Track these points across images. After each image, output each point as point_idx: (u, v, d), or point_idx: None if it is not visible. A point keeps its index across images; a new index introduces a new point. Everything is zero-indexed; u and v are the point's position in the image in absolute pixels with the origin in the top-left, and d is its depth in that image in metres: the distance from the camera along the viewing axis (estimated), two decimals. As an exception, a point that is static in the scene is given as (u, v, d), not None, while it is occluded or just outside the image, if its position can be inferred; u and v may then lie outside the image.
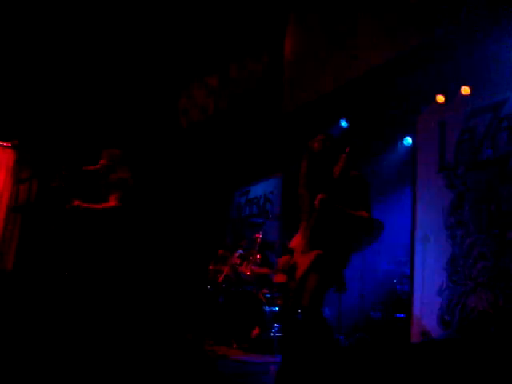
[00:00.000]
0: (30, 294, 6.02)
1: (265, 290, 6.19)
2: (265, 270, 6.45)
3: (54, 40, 8.13)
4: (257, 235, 6.64)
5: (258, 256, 6.45)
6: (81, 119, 8.89)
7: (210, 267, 6.92)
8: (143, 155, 8.51)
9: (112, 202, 5.53)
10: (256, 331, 5.84)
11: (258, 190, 8.96)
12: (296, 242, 3.85)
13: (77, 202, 5.45)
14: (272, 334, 5.69)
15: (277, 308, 5.94)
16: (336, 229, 3.69)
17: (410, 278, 5.61)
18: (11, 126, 8.76)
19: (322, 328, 3.59)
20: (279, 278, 3.82)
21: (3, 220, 8.71)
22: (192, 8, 8.21)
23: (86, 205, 5.50)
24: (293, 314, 3.70)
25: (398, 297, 6.27)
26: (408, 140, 6.50)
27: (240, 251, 6.74)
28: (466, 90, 5.39)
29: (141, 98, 9.18)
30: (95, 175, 5.81)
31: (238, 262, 6.59)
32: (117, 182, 5.62)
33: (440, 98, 5.69)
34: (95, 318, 5.25)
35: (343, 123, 7.04)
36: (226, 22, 8.29)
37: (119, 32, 8.36)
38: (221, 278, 6.56)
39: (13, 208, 8.67)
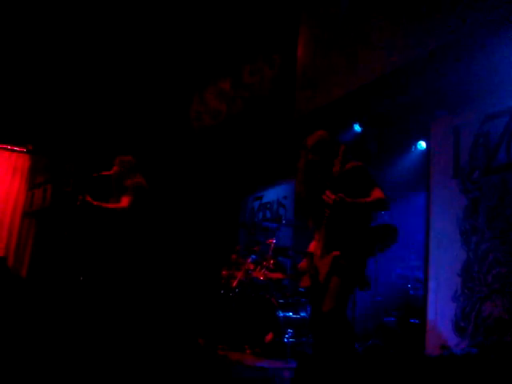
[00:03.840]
0: (45, 299, 6.06)
1: (278, 295, 6.19)
2: (278, 275, 6.43)
3: (69, 47, 8.20)
4: (270, 240, 6.63)
5: (272, 261, 6.43)
6: (94, 124, 8.94)
7: (224, 272, 6.91)
8: (155, 159, 8.55)
9: (123, 203, 5.56)
10: (270, 336, 5.82)
11: (272, 194, 8.95)
12: (313, 246, 3.80)
13: (89, 198, 5.48)
14: (286, 340, 5.68)
15: (290, 313, 5.93)
16: (351, 227, 3.64)
17: (424, 283, 5.58)
18: (26, 132, 8.83)
19: (346, 333, 3.53)
20: (305, 282, 3.75)
21: (18, 225, 8.78)
22: (205, 12, 8.24)
23: (97, 202, 5.53)
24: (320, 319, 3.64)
25: (411, 302, 6.24)
26: (422, 145, 6.48)
27: (253, 256, 6.73)
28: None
29: (154, 102, 9.22)
30: (108, 180, 5.85)
31: (252, 267, 6.58)
32: (130, 185, 5.66)
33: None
34: (108, 323, 5.27)
35: (356, 127, 7.03)
36: (238, 25, 8.31)
37: (133, 37, 8.41)
38: (234, 283, 6.55)
39: (27, 213, 8.74)
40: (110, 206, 5.61)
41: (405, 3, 5.81)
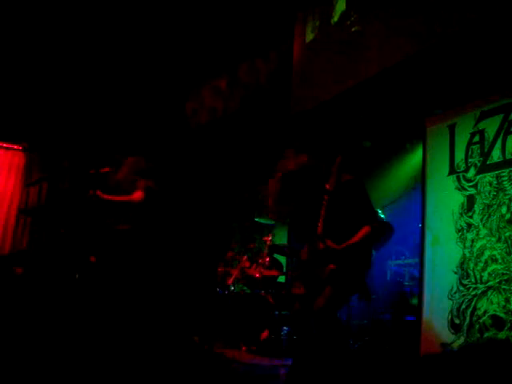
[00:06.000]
0: (41, 296, 6.05)
1: (274, 293, 6.19)
2: (274, 273, 6.44)
3: (65, 43, 8.16)
4: (266, 238, 6.64)
5: (267, 259, 6.44)
6: (89, 121, 8.92)
7: (219, 270, 6.92)
8: (151, 156, 8.52)
9: (135, 196, 5.48)
10: (265, 334, 5.83)
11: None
12: (305, 253, 3.80)
13: (99, 193, 5.43)
14: (281, 337, 5.68)
15: (285, 311, 5.94)
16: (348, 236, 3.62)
17: (420, 280, 5.58)
18: (21, 129, 8.80)
19: (336, 332, 3.54)
20: (299, 290, 3.75)
21: (13, 223, 8.75)
22: (199, 9, 8.21)
23: (107, 196, 5.47)
24: (307, 317, 3.66)
25: (407, 299, 6.25)
26: (417, 142, 6.48)
27: (249, 254, 6.75)
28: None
29: (149, 99, 9.20)
30: (105, 177, 5.82)
31: (247, 264, 6.59)
32: (143, 184, 5.60)
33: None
34: (104, 321, 5.27)
35: (352, 125, 7.02)
36: (234, 22, 8.28)
37: (127, 34, 8.38)
38: (230, 281, 6.56)
39: (23, 211, 8.70)
40: (122, 198, 5.52)
41: (399, 2, 5.81)
